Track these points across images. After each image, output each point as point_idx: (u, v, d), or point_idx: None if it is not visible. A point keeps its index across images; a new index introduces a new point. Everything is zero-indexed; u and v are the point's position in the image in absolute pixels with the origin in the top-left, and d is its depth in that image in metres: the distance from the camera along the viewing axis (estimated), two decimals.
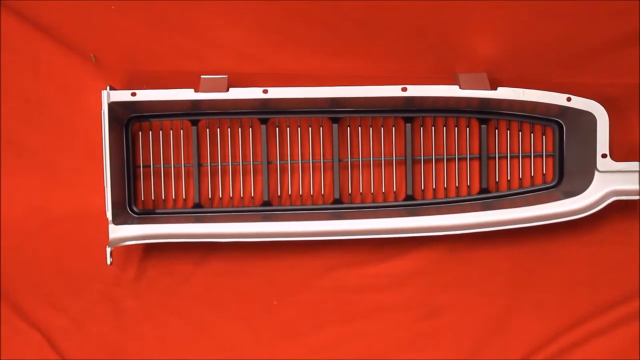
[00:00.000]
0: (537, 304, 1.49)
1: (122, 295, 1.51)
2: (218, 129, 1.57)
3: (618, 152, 1.50)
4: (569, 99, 1.46)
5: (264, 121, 1.56)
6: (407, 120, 1.55)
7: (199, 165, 1.57)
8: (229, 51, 1.53)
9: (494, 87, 1.47)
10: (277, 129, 1.57)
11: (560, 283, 1.51)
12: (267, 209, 1.57)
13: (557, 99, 1.46)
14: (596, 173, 1.46)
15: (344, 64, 1.53)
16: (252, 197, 1.58)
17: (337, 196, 1.57)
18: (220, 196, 1.59)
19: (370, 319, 1.49)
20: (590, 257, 1.52)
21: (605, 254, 1.51)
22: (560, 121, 1.53)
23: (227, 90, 1.47)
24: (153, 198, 1.58)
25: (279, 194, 1.58)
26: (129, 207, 1.56)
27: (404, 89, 1.47)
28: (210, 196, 1.58)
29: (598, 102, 1.46)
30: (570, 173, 1.52)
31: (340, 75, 1.53)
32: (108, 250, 1.44)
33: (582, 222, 1.47)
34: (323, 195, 1.58)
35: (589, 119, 1.46)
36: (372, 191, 1.58)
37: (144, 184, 1.57)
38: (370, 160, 1.57)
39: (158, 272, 1.56)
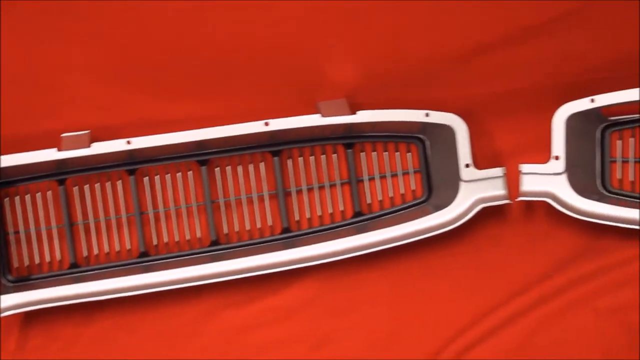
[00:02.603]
0: (421, 317, 1.51)
1: None
2: (86, 186, 1.55)
3: (481, 161, 1.53)
4: (427, 115, 1.49)
5: (132, 172, 1.55)
6: (275, 153, 1.56)
7: (71, 224, 1.55)
8: (90, 105, 1.51)
9: (354, 112, 1.49)
10: (146, 178, 1.55)
11: (441, 294, 1.54)
12: (145, 259, 1.56)
13: (416, 115, 1.49)
14: (462, 183, 1.49)
15: (208, 105, 1.53)
16: (129, 250, 1.56)
17: (213, 238, 1.57)
18: (96, 253, 1.56)
19: (261, 356, 1.49)
20: (467, 265, 1.55)
21: (480, 260, 1.55)
22: (423, 137, 1.55)
23: (90, 146, 1.45)
24: (27, 264, 1.54)
25: (155, 243, 1.57)
26: (3, 276, 1.52)
27: (267, 124, 1.48)
28: (86, 254, 1.55)
29: (456, 114, 1.49)
30: (438, 186, 1.55)
31: (206, 117, 1.52)
32: None
33: (455, 232, 1.50)
34: (200, 239, 1.57)
35: (449, 132, 1.49)
36: (248, 228, 1.57)
37: (16, 251, 1.53)
38: (242, 198, 1.57)
39: (42, 339, 1.53)
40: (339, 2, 1.44)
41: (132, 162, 1.54)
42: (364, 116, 1.48)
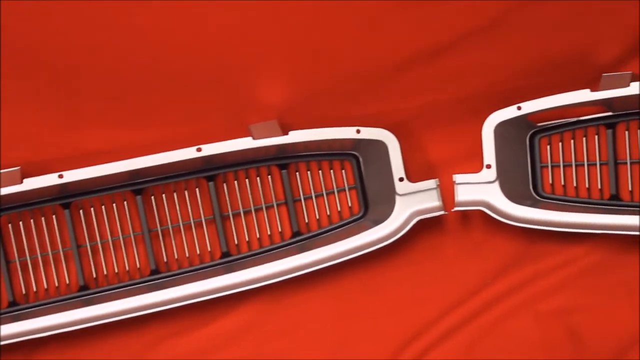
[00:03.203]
0: (366, 332, 1.52)
1: None
2: (21, 223, 1.53)
3: (415, 173, 1.54)
4: (358, 131, 1.50)
5: (66, 206, 1.53)
6: (209, 178, 1.56)
7: (7, 262, 1.53)
8: (22, 139, 1.49)
9: (286, 132, 1.49)
10: (81, 211, 1.54)
11: (384, 308, 1.55)
12: (86, 293, 1.54)
13: (347, 133, 1.50)
14: (397, 197, 1.50)
15: (142, 134, 1.52)
16: (68, 285, 1.55)
17: (153, 267, 1.56)
18: (35, 290, 1.54)
19: None
20: (408, 278, 1.56)
21: (420, 272, 1.56)
22: (356, 153, 1.56)
23: (22, 182, 1.44)
24: None
25: (94, 276, 1.55)
26: None
27: (199, 150, 1.47)
28: (24, 292, 1.54)
29: (387, 129, 1.50)
30: (374, 201, 1.56)
31: (141, 146, 1.51)
32: None
33: (394, 245, 1.51)
34: (139, 269, 1.56)
35: (381, 147, 1.50)
36: (187, 255, 1.57)
37: None
38: (180, 225, 1.56)
39: None
40: (264, 24, 1.43)
41: (66, 195, 1.52)
42: (296, 136, 1.49)
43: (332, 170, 1.58)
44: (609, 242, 1.50)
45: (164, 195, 1.56)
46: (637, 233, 1.43)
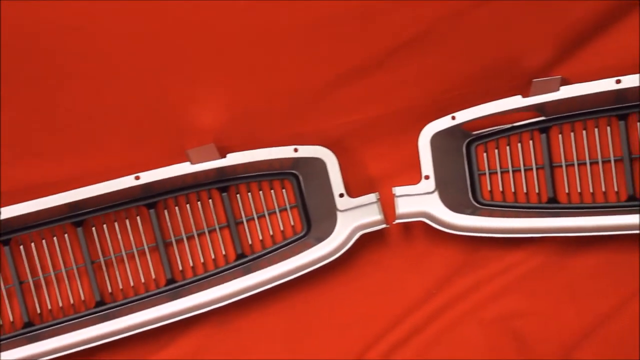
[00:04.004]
0: (316, 349, 1.52)
1: None
2: None
3: (355, 188, 1.55)
4: (296, 150, 1.50)
5: (5, 242, 1.52)
6: (150, 206, 1.55)
7: None
8: None
9: (224, 155, 1.49)
10: (21, 247, 1.53)
11: (332, 324, 1.55)
12: (29, 330, 1.52)
13: (285, 152, 1.50)
14: (338, 213, 1.51)
15: (84, 165, 1.52)
16: (12, 322, 1.53)
17: (98, 299, 1.55)
18: None
19: None
20: (354, 292, 1.57)
21: (366, 286, 1.57)
22: (296, 172, 1.57)
23: None
24: None
25: (39, 311, 1.54)
26: None
27: (137, 178, 1.47)
28: None
29: (325, 146, 1.51)
30: (316, 219, 1.56)
31: (83, 176, 1.50)
32: None
33: (339, 261, 1.51)
34: (84, 302, 1.55)
35: (320, 164, 1.51)
36: (132, 285, 1.56)
37: None
38: (122, 255, 1.55)
39: None
40: (196, 48, 1.44)
41: (6, 232, 1.51)
42: (234, 158, 1.49)
43: (272, 190, 1.58)
44: (549, 245, 1.52)
45: (105, 225, 1.55)
46: (575, 235, 1.45)
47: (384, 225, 1.51)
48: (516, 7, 1.42)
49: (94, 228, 1.55)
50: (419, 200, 1.50)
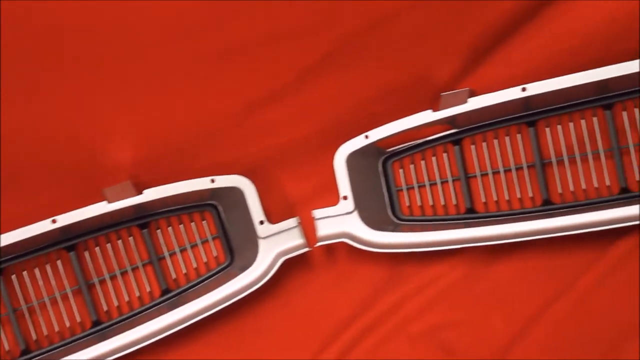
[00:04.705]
0: None
1: None
2: None
3: (276, 214, 1.55)
4: (212, 181, 1.50)
5: None
6: (70, 249, 1.53)
7: None
8: None
9: (140, 192, 1.48)
10: None
11: (263, 353, 1.55)
12: None
13: (202, 184, 1.50)
14: (260, 240, 1.51)
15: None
16: None
17: (23, 347, 1.52)
18: None
19: None
20: (282, 319, 1.57)
21: (294, 312, 1.57)
22: (215, 202, 1.56)
23: None
24: None
25: None
26: None
27: (54, 221, 1.45)
28: None
29: (241, 174, 1.51)
30: (239, 248, 1.56)
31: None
32: None
33: (265, 289, 1.51)
34: (9, 352, 1.52)
35: (238, 193, 1.51)
36: (57, 330, 1.54)
37: None
38: (45, 301, 1.54)
39: None
40: (104, 87, 1.43)
41: None
42: (151, 194, 1.49)
43: (193, 223, 1.57)
44: (471, 255, 1.53)
45: (25, 272, 1.53)
46: (495, 243, 1.47)
47: (306, 249, 1.51)
48: (420, 23, 1.44)
49: (13, 276, 1.52)
50: (339, 221, 1.51)
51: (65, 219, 1.46)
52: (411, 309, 1.54)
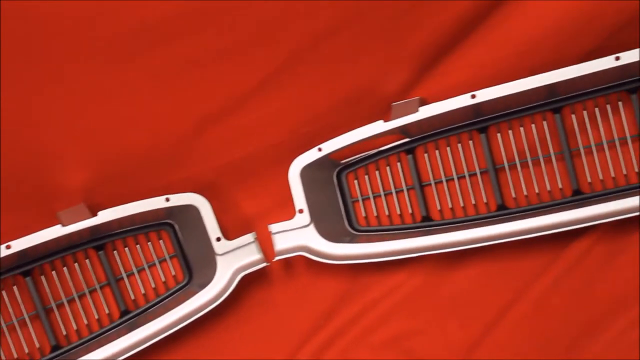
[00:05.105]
0: None
1: None
2: None
3: (233, 230, 1.55)
4: (167, 200, 1.50)
5: None
6: (26, 273, 1.52)
7: None
8: None
9: (95, 213, 1.48)
10: None
11: None
12: None
13: (156, 203, 1.50)
14: (217, 257, 1.51)
15: None
16: None
17: None
18: None
19: None
20: (244, 335, 1.57)
21: (255, 327, 1.57)
22: (171, 221, 1.56)
23: None
24: None
25: None
26: None
27: (8, 247, 1.44)
28: None
29: (197, 192, 1.51)
30: (197, 266, 1.56)
31: None
32: None
33: (225, 305, 1.51)
34: None
35: (194, 211, 1.50)
36: (15, 356, 1.53)
37: None
38: (3, 327, 1.52)
39: None
40: (55, 109, 1.43)
41: None
42: (106, 215, 1.48)
43: (149, 242, 1.56)
44: (428, 262, 1.54)
45: None
46: (451, 249, 1.48)
47: (264, 264, 1.51)
48: (365, 35, 1.44)
49: None
50: (296, 234, 1.51)
51: (19, 244, 1.44)
52: (372, 319, 1.55)
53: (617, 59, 1.40)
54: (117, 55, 1.40)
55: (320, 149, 1.50)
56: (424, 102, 1.49)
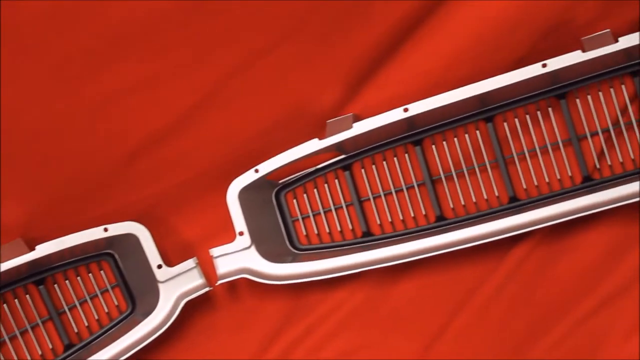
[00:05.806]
0: None
1: None
2: None
3: (175, 256, 1.55)
4: (106, 230, 1.49)
5: None
6: None
7: None
8: None
9: (33, 248, 1.46)
10: None
11: None
12: None
13: (95, 234, 1.49)
14: (160, 285, 1.50)
15: None
16: None
17: None
18: None
19: None
20: None
21: (201, 353, 1.56)
22: (111, 251, 1.55)
23: None
24: None
25: None
26: None
27: None
28: None
29: (135, 220, 1.50)
30: (140, 294, 1.55)
31: None
32: None
33: (171, 333, 1.51)
34: None
35: (134, 239, 1.50)
36: None
37: None
38: None
39: None
40: None
41: None
42: (44, 249, 1.47)
43: (90, 274, 1.55)
44: (370, 278, 1.55)
45: None
46: (392, 263, 1.48)
47: (207, 289, 1.51)
48: (293, 56, 1.45)
49: None
50: (238, 257, 1.51)
51: None
52: (318, 337, 1.55)
53: (544, 66, 1.41)
54: (46, 88, 1.39)
55: (257, 170, 1.50)
56: (358, 118, 1.50)
